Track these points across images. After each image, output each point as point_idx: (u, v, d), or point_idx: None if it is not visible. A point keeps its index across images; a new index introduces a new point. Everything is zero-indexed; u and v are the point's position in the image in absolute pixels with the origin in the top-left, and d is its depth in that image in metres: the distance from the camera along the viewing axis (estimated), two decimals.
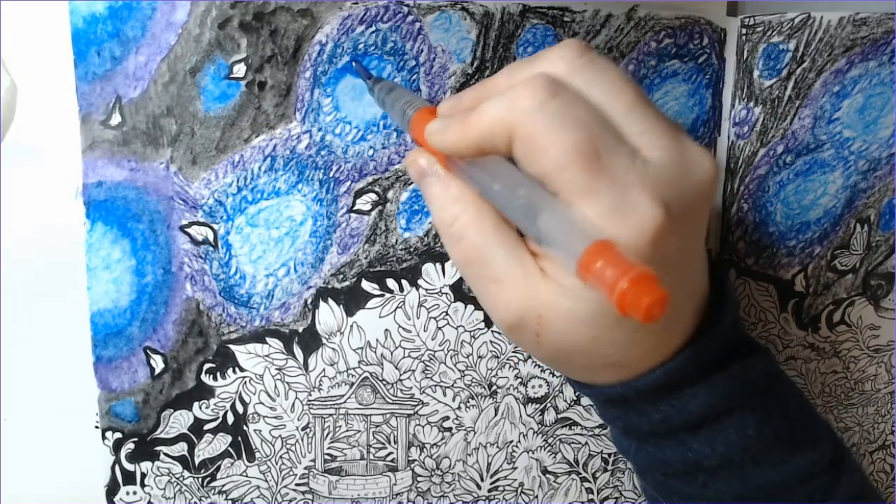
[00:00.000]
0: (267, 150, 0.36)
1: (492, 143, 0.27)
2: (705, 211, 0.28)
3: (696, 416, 0.30)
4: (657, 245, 0.25)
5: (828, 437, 0.33)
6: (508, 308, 0.28)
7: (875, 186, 0.43)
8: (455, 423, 0.41)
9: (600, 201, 0.25)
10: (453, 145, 0.28)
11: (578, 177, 0.25)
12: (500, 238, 0.28)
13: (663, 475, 0.32)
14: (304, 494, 0.40)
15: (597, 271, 0.23)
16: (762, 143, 0.41)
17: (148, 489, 0.38)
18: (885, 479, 0.49)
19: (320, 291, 0.38)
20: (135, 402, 0.37)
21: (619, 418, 0.32)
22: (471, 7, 0.37)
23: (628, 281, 0.22)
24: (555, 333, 0.28)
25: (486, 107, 0.26)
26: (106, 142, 0.35)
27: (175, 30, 0.34)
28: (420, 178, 0.30)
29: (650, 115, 0.27)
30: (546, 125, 0.25)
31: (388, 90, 0.34)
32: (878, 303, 0.45)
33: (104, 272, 0.36)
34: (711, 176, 0.27)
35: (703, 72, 0.40)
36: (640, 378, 0.29)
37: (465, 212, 0.29)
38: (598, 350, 0.28)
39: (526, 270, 0.28)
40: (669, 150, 0.26)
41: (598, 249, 0.23)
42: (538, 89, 0.25)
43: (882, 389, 0.47)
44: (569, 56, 0.27)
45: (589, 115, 0.26)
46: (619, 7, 0.38)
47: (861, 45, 0.41)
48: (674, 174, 0.26)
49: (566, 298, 0.27)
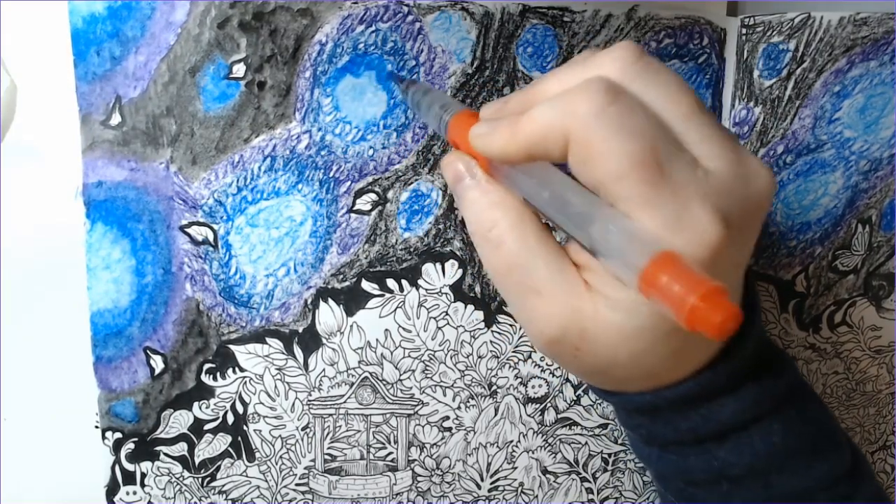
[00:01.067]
0: (267, 150, 0.36)
1: (544, 149, 0.26)
2: (760, 223, 0.28)
3: (723, 426, 0.30)
4: (716, 259, 0.24)
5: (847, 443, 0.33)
6: (550, 321, 0.27)
7: (876, 187, 0.43)
8: (455, 423, 0.41)
9: (660, 212, 0.24)
10: (501, 149, 0.27)
11: (638, 187, 0.24)
12: (542, 247, 0.27)
13: (685, 483, 0.32)
14: (304, 494, 0.40)
15: (662, 286, 0.22)
16: (762, 143, 0.41)
17: (148, 489, 0.38)
18: (885, 479, 0.49)
19: (320, 291, 0.38)
20: (135, 402, 0.37)
21: (644, 426, 0.31)
22: (471, 7, 0.37)
23: (699, 297, 0.21)
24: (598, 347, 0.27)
25: (539, 110, 0.25)
26: (106, 142, 0.35)
27: (174, 30, 0.34)
28: (456, 181, 0.29)
29: (709, 125, 0.26)
30: (605, 132, 0.24)
31: (424, 92, 0.33)
32: (879, 303, 0.45)
33: (104, 272, 0.36)
34: (770, 188, 0.26)
35: (703, 72, 0.40)
36: (671, 388, 0.29)
37: (505, 217, 0.27)
38: (639, 363, 0.27)
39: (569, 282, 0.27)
40: (729, 162, 0.25)
41: (662, 262, 0.22)
42: (597, 94, 0.24)
43: (883, 390, 0.47)
44: (625, 59, 0.26)
45: (649, 123, 0.25)
46: (619, 7, 0.38)
47: (861, 44, 0.40)
48: (734, 186, 0.25)
49: (615, 312, 0.26)
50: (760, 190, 0.26)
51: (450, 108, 0.31)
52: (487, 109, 0.29)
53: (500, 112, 0.28)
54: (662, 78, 0.26)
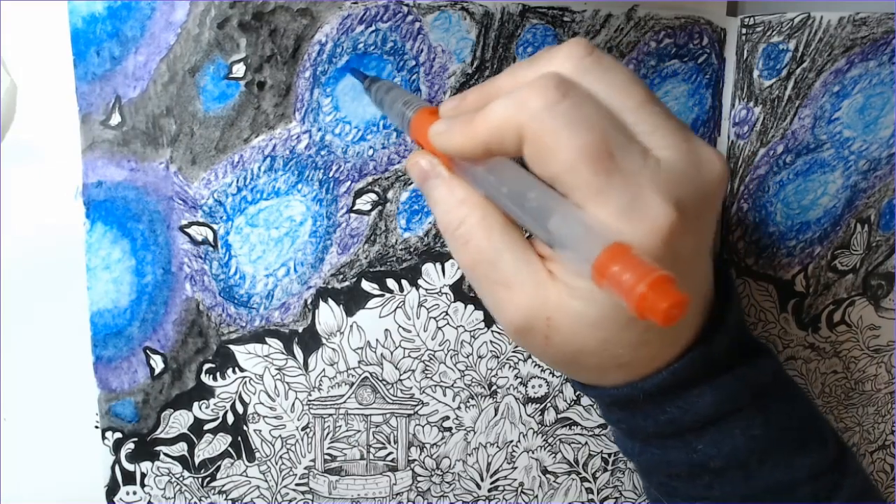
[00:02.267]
0: (266, 150, 0.36)
1: (500, 144, 0.26)
2: (716, 210, 0.28)
3: (702, 417, 0.30)
4: (670, 245, 0.25)
5: (832, 438, 0.33)
6: (517, 311, 0.28)
7: (875, 186, 0.43)
8: (455, 423, 0.41)
9: (613, 202, 0.25)
10: (459, 146, 0.27)
11: (590, 178, 0.25)
12: (508, 240, 0.28)
13: (667, 476, 0.32)
14: (304, 494, 0.40)
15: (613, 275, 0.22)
16: (762, 143, 0.41)
17: (148, 489, 0.38)
18: (885, 478, 0.49)
19: (320, 291, 0.38)
20: (135, 402, 0.37)
21: (624, 420, 0.32)
22: (471, 7, 0.37)
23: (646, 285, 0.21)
24: (564, 336, 0.27)
25: (493, 107, 0.26)
26: (106, 142, 0.35)
27: (174, 30, 0.34)
28: (423, 180, 0.30)
29: (660, 114, 0.27)
30: (557, 125, 0.25)
31: (387, 90, 0.33)
32: (878, 303, 0.45)
33: (104, 272, 0.36)
34: (722, 175, 0.27)
35: (702, 72, 0.40)
36: (647, 379, 0.29)
37: (472, 214, 0.28)
38: (608, 352, 0.28)
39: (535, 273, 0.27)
40: (680, 150, 0.26)
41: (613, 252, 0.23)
42: (548, 89, 0.25)
43: (882, 389, 0.47)
44: (576, 55, 0.27)
45: (600, 116, 0.25)
46: (619, 7, 0.38)
47: (861, 45, 0.40)
48: (685, 173, 0.26)
49: (576, 300, 0.26)
50: (713, 177, 0.27)
51: (412, 105, 0.31)
52: (446, 106, 0.30)
53: (458, 109, 0.29)
54: (613, 71, 0.27)
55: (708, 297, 0.30)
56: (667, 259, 0.25)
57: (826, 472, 0.32)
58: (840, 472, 0.32)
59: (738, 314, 0.31)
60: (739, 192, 0.42)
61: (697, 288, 0.29)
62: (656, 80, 0.40)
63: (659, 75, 0.39)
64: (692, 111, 0.40)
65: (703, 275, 0.29)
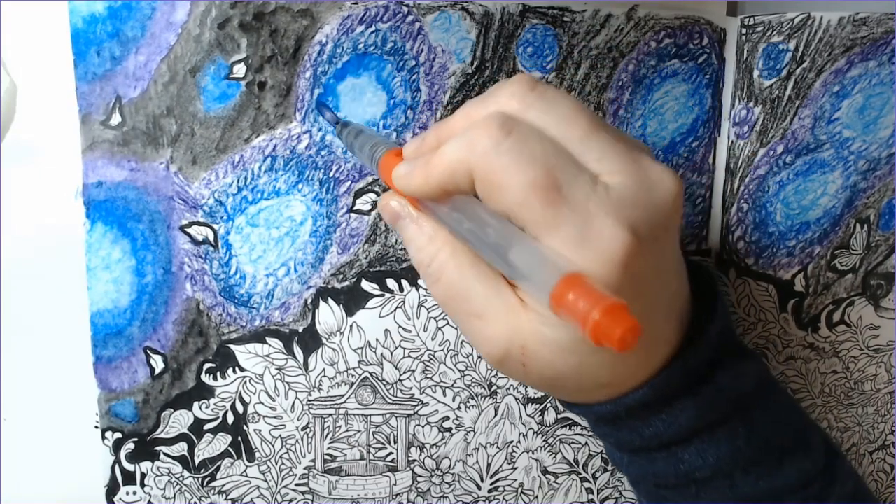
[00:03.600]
0: (267, 150, 0.36)
1: (455, 184, 0.27)
2: (674, 227, 0.29)
3: (685, 430, 0.30)
4: (628, 267, 0.25)
5: (820, 443, 0.33)
6: (492, 342, 0.28)
7: (875, 186, 0.43)
8: (455, 423, 0.41)
9: (565, 232, 0.25)
10: (419, 188, 0.28)
11: (540, 211, 0.25)
12: (478, 273, 0.28)
13: (655, 486, 0.32)
14: (304, 494, 0.40)
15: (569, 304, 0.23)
16: (762, 143, 0.41)
17: (148, 489, 0.38)
18: (885, 479, 0.49)
19: (320, 291, 0.38)
20: (135, 402, 0.37)
21: (611, 434, 0.32)
22: (471, 7, 0.37)
23: (599, 312, 0.22)
24: (540, 362, 0.28)
25: (445, 149, 0.27)
26: (106, 142, 0.35)
27: (175, 30, 0.34)
28: (394, 220, 0.31)
29: (607, 140, 0.27)
30: (504, 163, 0.25)
31: (356, 134, 0.34)
32: (877, 303, 0.45)
33: (104, 272, 0.36)
34: (675, 192, 0.27)
35: (702, 72, 0.40)
36: (628, 395, 0.30)
37: (441, 250, 0.29)
38: (585, 374, 0.28)
39: (506, 303, 0.28)
40: (629, 173, 0.26)
41: (568, 282, 0.23)
42: (493, 128, 0.26)
43: (882, 389, 0.47)
44: (519, 92, 0.27)
45: (545, 149, 0.26)
46: (619, 7, 0.38)
47: (861, 45, 0.41)
48: (637, 196, 0.26)
49: (547, 327, 0.27)
50: (665, 195, 0.27)
51: (379, 147, 0.32)
52: (408, 148, 0.31)
53: (419, 150, 0.30)
54: (557, 103, 0.27)
55: (682, 309, 0.30)
56: (625, 282, 0.25)
57: (814, 479, 0.32)
58: (829, 479, 0.32)
59: (721, 323, 0.31)
60: (739, 192, 0.42)
61: (666, 303, 0.29)
62: (656, 81, 0.40)
63: (659, 75, 0.40)
64: (692, 111, 0.40)
65: (671, 292, 0.30)
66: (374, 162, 0.32)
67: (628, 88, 0.39)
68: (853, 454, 0.48)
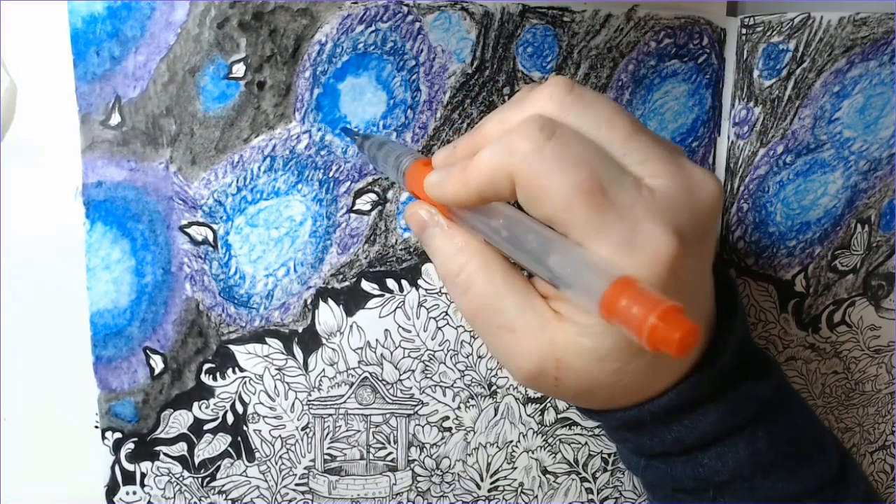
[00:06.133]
0: (266, 150, 0.36)
1: (494, 191, 0.26)
2: (715, 230, 0.28)
3: (707, 435, 0.30)
4: (673, 272, 0.25)
5: (834, 447, 0.33)
6: (525, 356, 0.27)
7: (875, 187, 0.43)
8: (455, 423, 0.41)
9: (612, 237, 0.25)
10: (454, 196, 0.28)
11: (586, 215, 0.25)
12: (510, 284, 0.28)
13: (672, 490, 0.32)
14: (304, 494, 0.40)
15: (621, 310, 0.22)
16: (762, 143, 0.41)
17: (148, 489, 0.38)
18: (885, 479, 0.49)
19: (320, 291, 0.38)
20: (134, 402, 0.37)
21: (631, 439, 0.32)
22: (470, 7, 0.37)
23: (656, 316, 0.21)
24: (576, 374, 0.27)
25: (483, 155, 0.26)
26: (105, 142, 0.35)
27: (174, 29, 0.34)
28: (421, 230, 0.30)
29: (648, 143, 0.27)
30: (547, 167, 0.25)
31: (379, 146, 0.34)
32: (878, 303, 0.45)
33: (104, 272, 0.36)
34: (717, 195, 0.27)
35: (702, 72, 0.40)
36: (652, 401, 0.29)
37: (471, 260, 0.28)
38: (619, 382, 0.28)
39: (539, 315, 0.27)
40: (673, 176, 0.26)
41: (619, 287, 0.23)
42: (534, 131, 0.25)
43: (883, 390, 0.47)
44: (558, 94, 0.27)
45: (588, 152, 0.25)
46: (619, 7, 0.38)
47: (861, 45, 0.40)
48: (680, 199, 0.26)
49: (585, 337, 0.26)
50: (707, 198, 0.27)
51: (404, 157, 0.31)
52: (438, 157, 0.30)
53: (450, 158, 0.29)
54: (597, 106, 0.27)
55: (710, 315, 0.30)
56: (671, 286, 0.25)
57: (830, 483, 0.32)
58: (844, 483, 0.32)
59: (742, 331, 0.31)
60: (739, 192, 0.42)
61: (700, 309, 0.29)
62: (656, 81, 0.40)
63: (659, 75, 0.39)
64: (692, 111, 0.40)
65: (705, 296, 0.29)
66: (400, 172, 0.31)
67: (628, 88, 0.39)
68: (853, 455, 0.48)
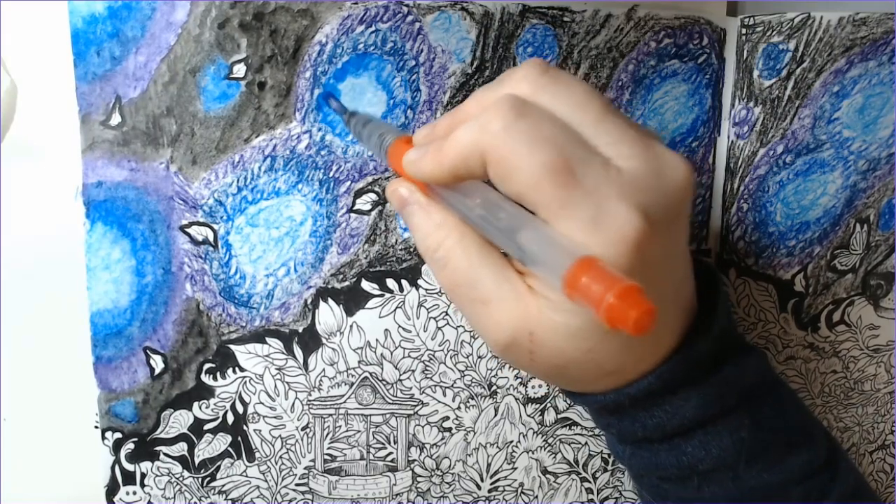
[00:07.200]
0: (267, 150, 0.36)
1: (467, 169, 0.27)
2: (684, 214, 0.29)
3: (689, 421, 0.30)
4: (639, 252, 0.25)
5: (823, 438, 0.33)
6: (500, 328, 0.28)
7: (875, 186, 0.43)
8: (455, 423, 0.41)
9: (578, 215, 0.25)
10: (430, 173, 0.28)
11: (553, 193, 0.25)
12: (486, 259, 0.28)
13: (658, 479, 0.32)
14: (304, 494, 0.40)
15: (582, 287, 0.23)
16: (762, 143, 0.41)
17: (148, 489, 0.38)
18: (885, 478, 0.49)
19: (320, 291, 0.38)
20: (135, 402, 0.37)
21: (613, 425, 0.32)
22: (470, 7, 0.37)
23: (614, 295, 0.22)
24: (548, 349, 0.28)
25: (457, 133, 0.27)
26: (106, 142, 0.35)
27: (175, 30, 0.34)
28: (402, 207, 0.31)
29: (619, 125, 0.27)
30: (516, 144, 0.25)
31: (364, 123, 0.34)
32: (877, 303, 0.45)
33: (104, 272, 0.36)
34: (687, 179, 0.27)
35: (702, 72, 0.40)
36: (632, 384, 0.30)
37: (449, 236, 0.29)
38: (593, 361, 0.28)
39: (514, 289, 0.28)
40: (642, 158, 0.26)
41: (581, 265, 0.23)
42: (504, 111, 0.26)
43: (882, 389, 0.47)
44: (531, 75, 0.27)
45: (557, 131, 0.26)
46: (619, 7, 0.38)
47: (861, 45, 0.41)
48: (649, 181, 0.26)
49: (557, 313, 0.27)
50: (677, 181, 0.27)
51: (388, 135, 0.32)
52: (419, 134, 0.31)
53: (429, 137, 0.30)
54: (569, 87, 0.27)
55: (688, 299, 0.30)
56: (637, 267, 0.25)
57: (816, 473, 0.32)
58: (831, 473, 0.32)
59: (724, 316, 0.31)
60: (739, 192, 0.42)
61: (673, 291, 0.29)
62: (656, 81, 0.40)
63: (659, 75, 0.40)
64: (692, 111, 0.40)
65: (679, 279, 0.30)
66: (382, 149, 0.32)
67: (628, 88, 0.39)
68: (853, 454, 0.48)
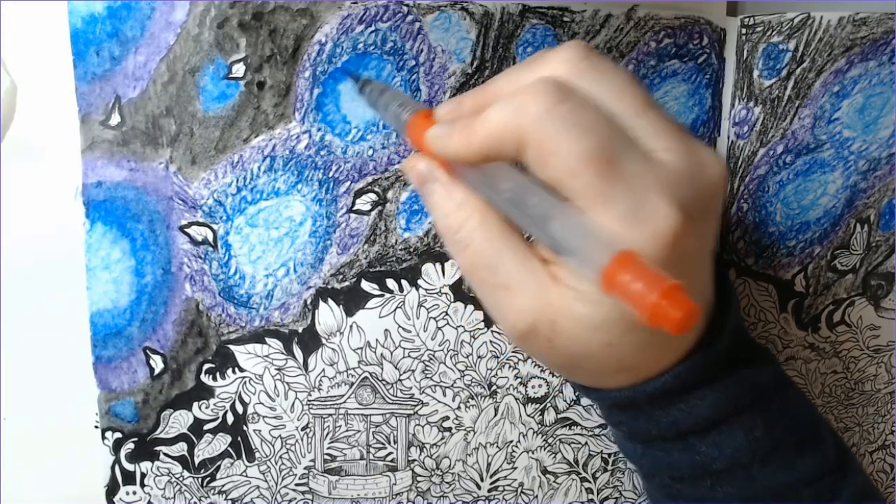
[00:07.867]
0: (266, 150, 0.36)
1: (499, 150, 0.26)
2: (716, 212, 0.28)
3: (704, 420, 0.30)
4: (675, 248, 0.25)
5: (832, 439, 0.33)
6: (520, 315, 0.27)
7: (875, 186, 0.43)
8: (455, 423, 0.41)
9: (616, 206, 0.24)
10: (458, 151, 0.27)
11: (593, 182, 0.24)
12: (509, 243, 0.28)
13: (670, 478, 0.32)
14: (304, 494, 0.40)
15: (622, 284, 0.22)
16: (762, 143, 0.41)
17: (148, 489, 0.38)
18: (885, 479, 0.49)
19: (320, 291, 0.38)
20: (134, 402, 0.37)
21: (626, 422, 0.32)
22: (470, 7, 0.37)
23: (659, 294, 0.21)
24: (569, 339, 0.27)
25: (492, 112, 0.26)
26: (105, 142, 0.35)
27: (174, 29, 0.34)
28: (421, 183, 0.30)
29: (659, 117, 0.26)
30: (558, 129, 0.25)
31: (381, 91, 0.33)
32: (878, 303, 0.45)
33: (104, 272, 0.36)
34: (722, 176, 0.27)
35: (702, 72, 0.40)
36: (649, 382, 0.29)
37: (471, 217, 0.28)
38: (611, 355, 0.27)
39: (537, 276, 0.27)
40: (681, 152, 0.26)
41: (621, 260, 0.22)
42: (546, 94, 0.25)
43: (882, 389, 0.47)
44: (572, 59, 0.27)
45: (599, 120, 0.25)
46: (619, 7, 0.38)
47: (861, 45, 0.40)
48: (687, 176, 0.26)
49: (581, 304, 0.26)
50: (713, 178, 0.27)
51: (407, 107, 0.31)
52: (443, 109, 0.30)
53: (455, 112, 0.29)
54: (611, 74, 0.27)
55: (709, 299, 0.30)
56: (672, 262, 0.25)
57: (828, 474, 0.32)
58: (841, 474, 0.32)
59: (737, 316, 0.31)
60: (739, 192, 0.42)
61: (700, 291, 0.29)
62: (656, 80, 0.40)
63: (659, 75, 0.39)
64: (692, 111, 0.40)
65: (705, 277, 0.29)
66: (400, 121, 0.30)
67: None
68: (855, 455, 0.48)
